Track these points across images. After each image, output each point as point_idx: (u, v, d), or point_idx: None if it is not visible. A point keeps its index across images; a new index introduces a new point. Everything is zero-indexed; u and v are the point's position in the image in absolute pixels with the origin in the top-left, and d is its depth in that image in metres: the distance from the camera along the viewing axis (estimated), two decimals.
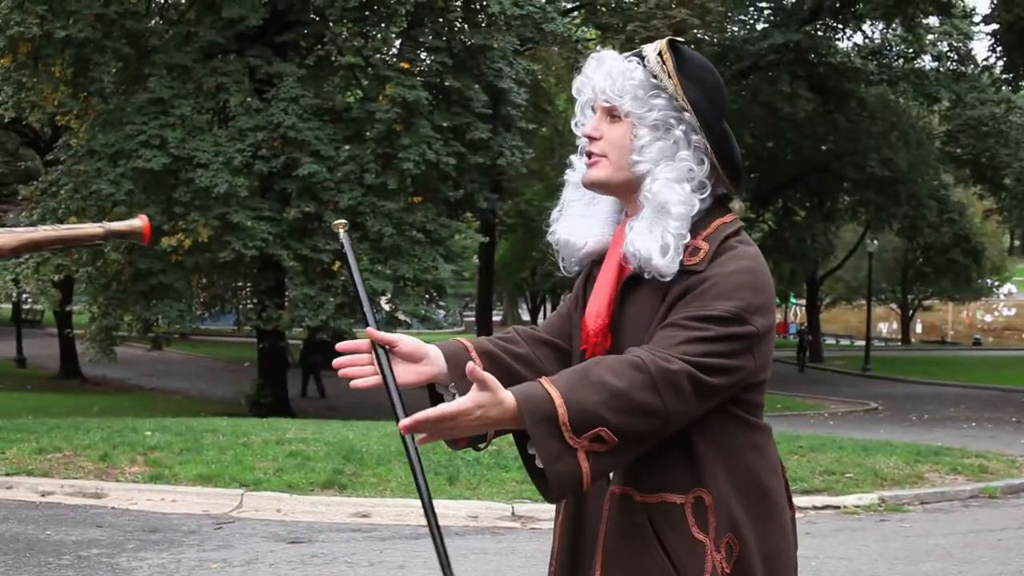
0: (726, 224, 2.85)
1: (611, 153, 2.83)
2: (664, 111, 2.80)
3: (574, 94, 2.98)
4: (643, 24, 32.04)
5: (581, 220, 3.00)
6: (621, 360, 2.56)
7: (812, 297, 58.61)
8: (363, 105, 24.94)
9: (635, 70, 2.81)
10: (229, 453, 12.21)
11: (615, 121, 2.84)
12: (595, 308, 2.87)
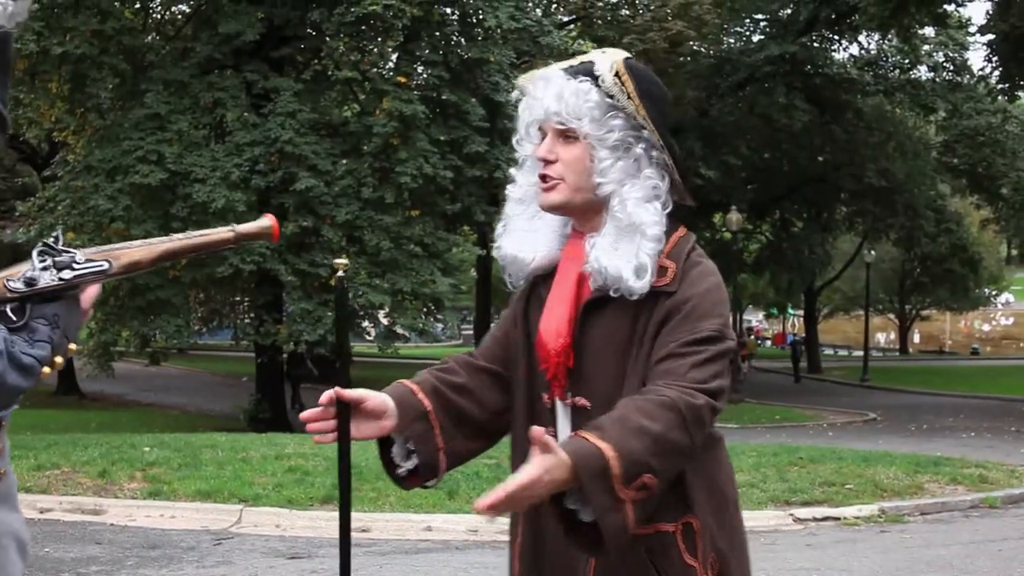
0: (683, 239, 2.86)
1: (568, 175, 2.81)
2: (623, 131, 2.79)
3: (520, 112, 2.95)
4: (639, 37, 32.13)
5: (526, 235, 2.96)
6: (651, 401, 2.55)
7: (810, 308, 58.61)
8: (360, 119, 24.97)
9: (590, 91, 2.79)
10: (228, 468, 12.19)
11: (569, 142, 2.81)
12: (553, 327, 2.83)
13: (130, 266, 2.38)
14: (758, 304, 76.77)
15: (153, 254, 2.39)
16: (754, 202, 45.04)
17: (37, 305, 2.26)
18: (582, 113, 2.77)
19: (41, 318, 2.24)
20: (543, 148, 2.84)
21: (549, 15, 33.51)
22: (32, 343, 2.19)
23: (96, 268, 2.33)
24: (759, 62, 38.18)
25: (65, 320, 2.26)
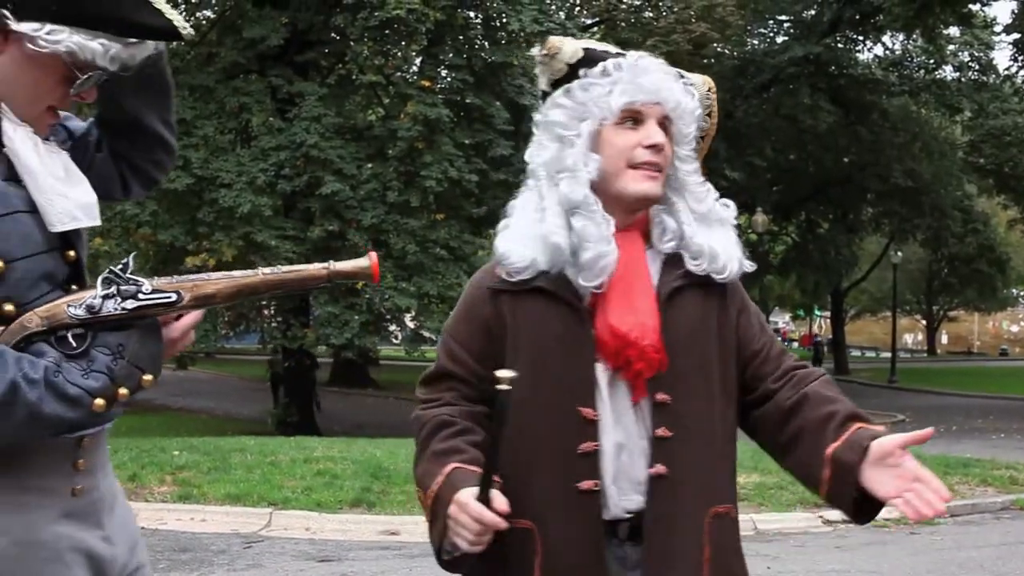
0: None
1: (667, 169, 2.79)
2: (695, 139, 2.83)
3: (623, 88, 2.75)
4: (663, 39, 32.07)
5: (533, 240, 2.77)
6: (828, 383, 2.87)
7: (837, 309, 58.43)
8: (385, 123, 25.01)
9: (693, 96, 2.81)
10: (257, 472, 12.23)
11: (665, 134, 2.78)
12: (641, 320, 2.70)
13: (202, 299, 2.32)
14: (784, 306, 76.62)
15: (231, 288, 2.34)
16: (780, 203, 44.92)
17: (101, 333, 2.23)
18: (688, 115, 2.79)
19: (103, 347, 2.22)
20: (657, 134, 2.75)
21: (572, 18, 33.47)
22: (87, 372, 2.17)
23: (163, 300, 2.27)
24: (783, 63, 38.08)
25: (134, 350, 2.22)
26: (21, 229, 2.22)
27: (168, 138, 2.68)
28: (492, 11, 25.78)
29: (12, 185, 2.25)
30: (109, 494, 2.51)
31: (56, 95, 2.32)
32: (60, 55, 2.24)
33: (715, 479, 2.80)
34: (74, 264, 2.34)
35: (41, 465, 2.30)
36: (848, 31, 40.98)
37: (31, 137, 2.31)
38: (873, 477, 2.65)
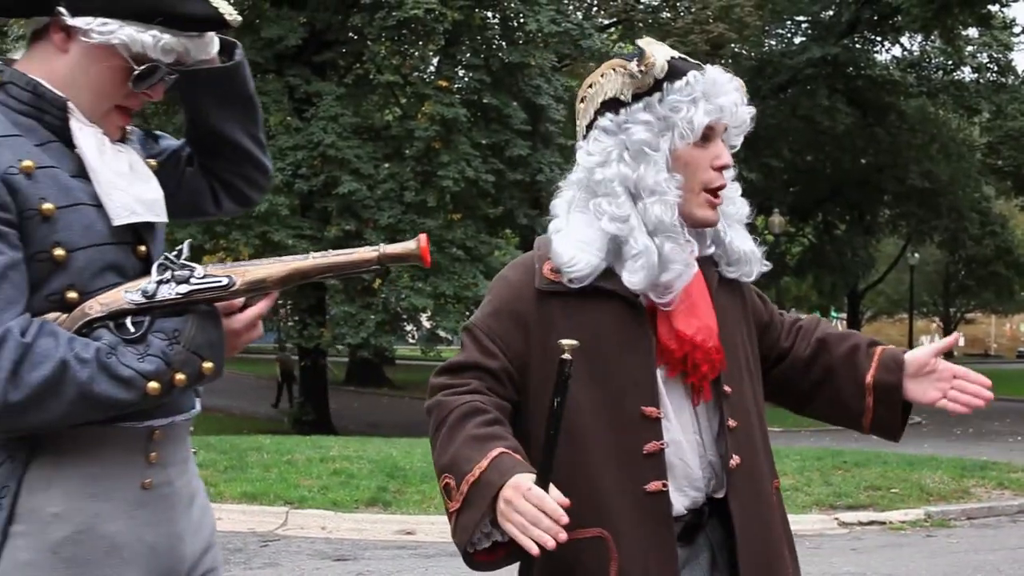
0: None
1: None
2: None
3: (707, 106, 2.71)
4: (680, 39, 32.02)
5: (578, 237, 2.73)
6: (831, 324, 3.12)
7: (853, 311, 58.29)
8: (402, 123, 25.04)
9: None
10: (274, 471, 12.27)
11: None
12: (705, 323, 2.72)
13: (254, 283, 2.34)
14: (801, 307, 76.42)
15: (282, 272, 2.36)
16: (796, 205, 44.82)
17: (159, 320, 2.28)
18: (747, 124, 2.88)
19: (159, 332, 2.26)
20: (726, 153, 2.79)
21: (590, 18, 33.50)
22: (143, 356, 2.22)
23: (214, 284, 2.31)
24: (801, 64, 38.00)
25: (192, 336, 2.27)
26: (83, 220, 2.30)
27: (256, 154, 2.75)
28: (509, 11, 25.79)
29: (80, 180, 2.33)
30: (186, 492, 2.55)
31: (120, 92, 2.42)
32: (115, 48, 2.34)
33: (768, 456, 2.90)
34: (145, 259, 2.40)
35: (112, 456, 2.35)
36: (866, 32, 40.90)
37: (97, 136, 2.39)
38: (914, 389, 2.91)
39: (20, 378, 2.12)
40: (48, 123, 2.36)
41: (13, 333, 2.14)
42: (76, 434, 2.28)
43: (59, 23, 2.35)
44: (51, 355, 2.15)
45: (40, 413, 2.16)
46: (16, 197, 2.23)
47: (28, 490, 2.28)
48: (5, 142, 2.27)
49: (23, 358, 2.13)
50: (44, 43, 2.40)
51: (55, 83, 2.38)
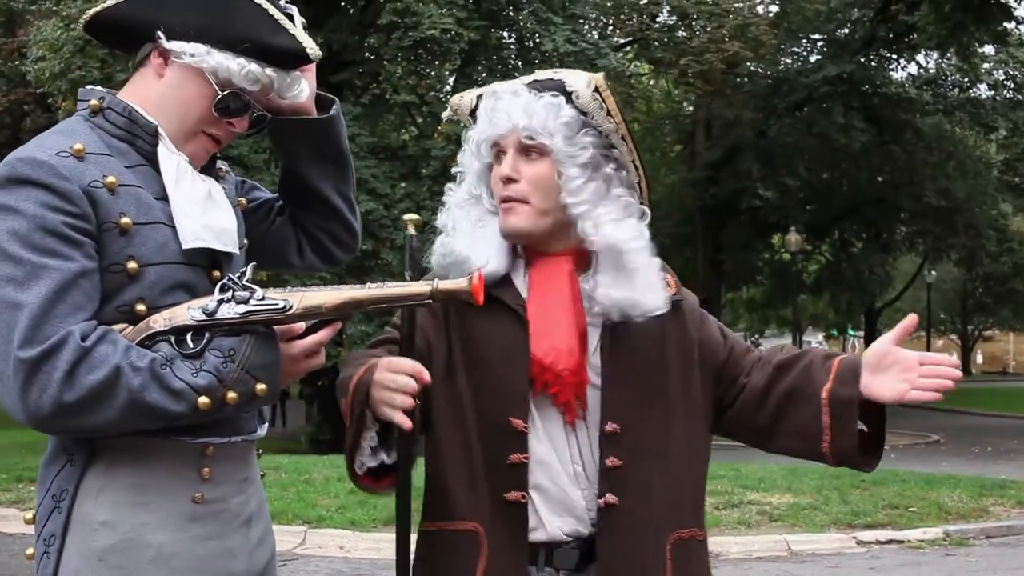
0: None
1: (533, 196, 2.73)
2: (595, 148, 2.73)
3: (477, 126, 2.83)
4: (696, 58, 32.11)
5: (474, 240, 2.80)
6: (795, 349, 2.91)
7: (870, 329, 58.13)
8: (418, 142, 25.10)
9: (562, 107, 2.71)
10: (291, 490, 12.30)
11: (533, 160, 2.73)
12: (563, 344, 2.71)
13: (310, 309, 2.40)
14: (818, 325, 76.30)
15: (337, 300, 2.41)
16: (813, 223, 44.73)
17: (217, 338, 2.35)
18: (554, 129, 2.70)
19: (216, 350, 2.34)
20: (506, 166, 2.74)
21: (605, 37, 33.52)
22: (197, 371, 2.30)
23: (272, 306, 2.38)
24: (816, 82, 37.97)
25: (247, 356, 2.34)
26: (159, 238, 2.42)
27: (344, 212, 2.90)
28: (525, 31, 25.85)
29: (162, 202, 2.45)
30: (243, 511, 2.60)
31: (205, 118, 2.54)
32: (204, 73, 2.48)
33: (676, 504, 2.77)
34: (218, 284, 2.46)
35: (162, 467, 2.42)
36: (882, 50, 40.84)
37: (180, 164, 2.51)
38: (876, 384, 2.66)
39: (76, 379, 2.21)
40: (140, 147, 2.50)
41: (74, 336, 2.23)
42: (129, 444, 2.36)
43: (158, 48, 2.50)
44: (108, 360, 2.23)
45: (92, 416, 2.25)
46: (97, 209, 2.35)
47: (83, 496, 2.37)
48: (94, 159, 2.40)
49: (80, 360, 2.22)
50: (144, 70, 2.56)
51: (148, 108, 2.52)
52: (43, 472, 2.44)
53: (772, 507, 12.28)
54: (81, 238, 2.31)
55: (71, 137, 2.42)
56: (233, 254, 2.60)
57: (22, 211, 2.29)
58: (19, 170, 2.32)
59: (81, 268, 2.30)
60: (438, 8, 22.91)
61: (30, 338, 2.21)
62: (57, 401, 2.21)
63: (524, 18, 25.84)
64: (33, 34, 24.94)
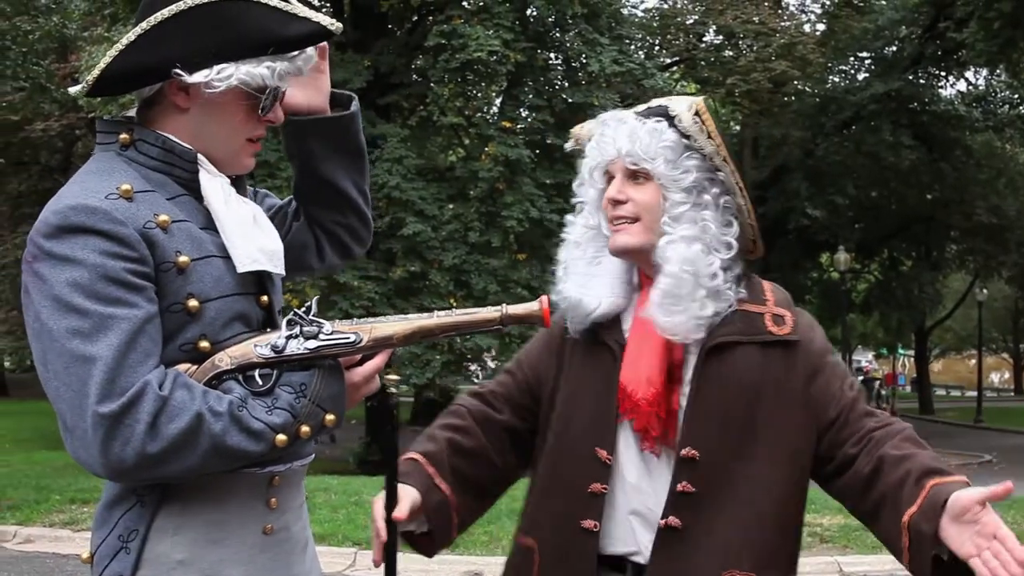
0: (775, 286, 2.90)
1: (642, 216, 2.80)
2: (698, 172, 2.77)
3: (587, 155, 2.96)
4: (743, 77, 32.03)
5: (589, 279, 2.91)
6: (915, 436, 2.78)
7: (921, 348, 57.72)
8: (466, 164, 25.14)
9: (665, 131, 2.77)
10: (341, 512, 12.33)
11: (640, 184, 2.80)
12: (643, 375, 2.77)
13: (381, 340, 2.42)
14: (867, 344, 75.80)
15: (407, 330, 2.43)
16: (862, 241, 44.50)
17: (286, 373, 2.36)
18: (656, 153, 2.76)
19: (287, 386, 2.35)
20: (613, 188, 2.84)
21: (652, 57, 33.53)
22: (271, 409, 2.31)
23: (342, 340, 2.39)
24: (864, 100, 37.83)
25: (317, 390, 2.36)
26: (214, 272, 2.41)
27: (361, 204, 2.92)
28: (572, 53, 25.89)
29: (209, 232, 2.45)
30: (301, 537, 2.64)
31: (249, 126, 2.54)
32: (236, 88, 2.45)
33: (740, 542, 2.75)
34: (267, 308, 2.52)
35: (235, 501, 2.44)
36: (930, 67, 40.66)
37: (224, 187, 2.51)
38: (953, 534, 2.55)
39: (158, 430, 2.21)
40: (178, 176, 2.47)
41: (152, 385, 2.23)
42: (202, 482, 2.36)
43: (177, 84, 2.44)
44: (188, 407, 2.24)
45: (175, 464, 2.25)
46: (154, 251, 2.33)
47: (156, 536, 2.37)
48: (141, 197, 2.37)
49: (161, 410, 2.22)
50: (161, 107, 2.50)
51: (182, 139, 2.49)
52: (105, 514, 2.44)
53: (823, 528, 12.19)
54: (143, 283, 2.31)
55: (112, 176, 2.40)
56: (275, 276, 2.61)
57: (82, 261, 2.26)
58: (73, 219, 2.29)
59: (146, 314, 2.29)
60: (485, 30, 22.98)
61: (108, 392, 2.19)
62: (141, 453, 2.20)
63: (571, 39, 25.90)
64: (85, 60, 25.22)
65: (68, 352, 2.23)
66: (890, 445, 2.73)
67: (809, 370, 2.81)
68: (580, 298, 2.88)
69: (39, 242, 2.31)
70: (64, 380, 2.23)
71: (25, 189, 38.22)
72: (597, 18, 25.93)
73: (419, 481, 2.88)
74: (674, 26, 36.50)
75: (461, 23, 23.52)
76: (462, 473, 2.96)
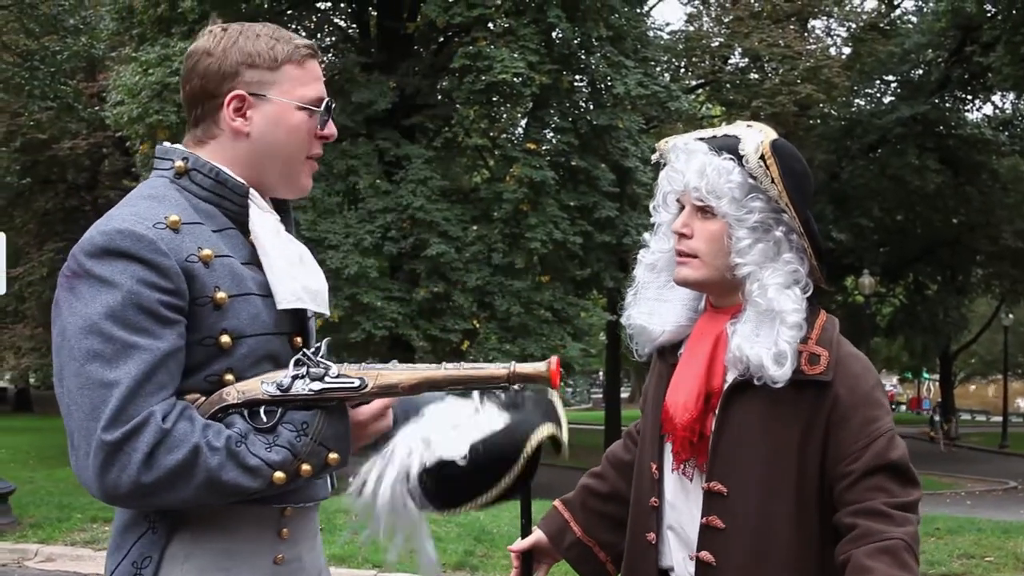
0: (828, 323, 2.85)
1: (704, 251, 2.81)
2: (763, 213, 2.77)
3: (659, 180, 2.97)
4: (768, 100, 32.03)
5: (657, 305, 2.98)
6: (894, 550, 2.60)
7: (946, 372, 57.45)
8: (490, 185, 25.19)
9: (732, 171, 2.77)
10: (362, 534, 12.31)
11: (708, 218, 2.81)
12: (681, 399, 2.83)
13: (386, 388, 2.41)
14: (892, 368, 75.50)
15: (413, 380, 2.41)
16: (887, 265, 44.38)
17: (290, 411, 2.37)
18: (722, 192, 2.76)
19: (289, 424, 2.36)
20: (679, 222, 2.85)
21: (677, 80, 33.57)
22: (271, 446, 2.32)
23: (347, 384, 2.39)
24: (890, 124, 37.77)
25: (320, 429, 2.36)
26: (251, 310, 2.43)
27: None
28: (597, 75, 25.94)
29: (251, 268, 2.47)
30: (314, 568, 2.67)
31: (309, 142, 2.60)
32: (294, 105, 2.54)
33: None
34: (299, 350, 2.49)
35: (246, 532, 2.46)
36: (956, 91, 40.57)
37: (274, 223, 2.55)
38: None
39: (155, 460, 2.23)
40: (227, 209, 2.50)
41: (156, 417, 2.24)
42: (213, 510, 2.38)
43: (234, 113, 2.51)
44: (186, 440, 2.25)
45: (169, 495, 2.27)
46: (192, 284, 2.35)
47: (168, 564, 2.39)
48: (188, 229, 2.39)
49: (160, 442, 2.23)
50: (216, 140, 2.55)
51: (242, 167, 2.53)
52: (119, 539, 2.46)
53: None
54: (173, 316, 2.32)
55: (163, 204, 2.42)
56: (309, 320, 2.63)
57: (118, 285, 2.28)
58: (118, 242, 2.31)
59: (170, 347, 2.30)
60: (510, 52, 23.03)
61: (115, 419, 2.22)
62: (135, 481, 2.22)
63: (596, 61, 25.95)
64: (112, 79, 25.41)
65: (85, 374, 2.25)
66: (864, 551, 2.63)
67: (837, 417, 2.74)
68: (645, 325, 2.98)
69: (81, 259, 2.34)
70: (76, 400, 2.26)
71: (52, 207, 38.48)
72: (622, 41, 26.00)
73: (551, 524, 3.20)
74: (699, 49, 36.54)
75: (486, 45, 23.60)
76: (597, 513, 3.20)
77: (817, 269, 2.85)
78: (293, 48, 2.57)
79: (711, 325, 2.88)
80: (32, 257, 36.57)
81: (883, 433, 2.72)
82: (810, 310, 2.81)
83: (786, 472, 2.74)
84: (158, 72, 22.58)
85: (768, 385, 2.72)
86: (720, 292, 2.88)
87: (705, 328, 2.90)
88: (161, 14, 23.96)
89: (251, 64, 2.52)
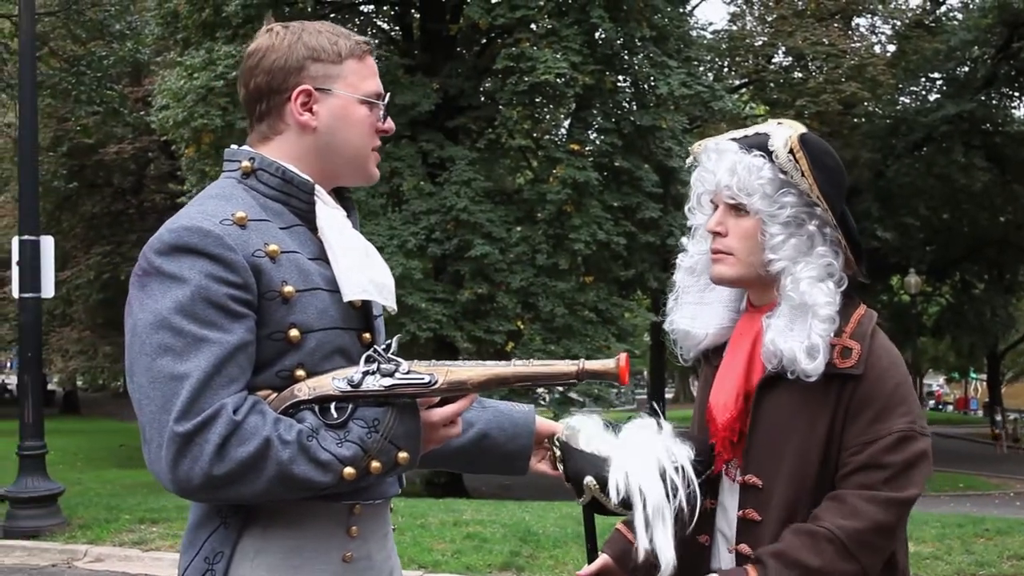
0: (865, 317, 2.85)
1: (738, 249, 2.84)
2: (796, 208, 2.79)
3: (692, 182, 2.99)
4: (812, 99, 31.88)
5: (699, 308, 3.01)
6: (816, 535, 2.64)
7: (993, 372, 56.96)
8: (534, 186, 25.18)
9: (763, 167, 2.79)
10: (408, 535, 12.34)
11: (741, 216, 2.83)
12: (722, 400, 2.87)
13: (455, 384, 2.42)
14: (939, 368, 74.91)
15: (483, 376, 2.44)
16: (933, 264, 44.07)
17: (361, 407, 2.39)
18: (753, 189, 2.79)
19: (360, 420, 2.38)
20: (713, 221, 2.88)
21: (721, 79, 33.48)
22: (342, 442, 2.34)
23: (417, 380, 2.40)
24: (936, 121, 37.48)
25: (390, 427, 2.38)
26: (319, 305, 2.46)
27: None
28: (640, 75, 25.89)
29: (318, 264, 2.51)
30: (385, 567, 2.69)
31: (373, 134, 2.65)
32: (354, 98, 2.58)
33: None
34: (368, 346, 2.53)
35: (315, 528, 2.48)
36: (1003, 88, 40.22)
37: (341, 220, 2.59)
38: None
39: (227, 452, 2.26)
40: (295, 207, 2.54)
41: (227, 409, 2.27)
42: (284, 507, 2.41)
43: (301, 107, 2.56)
44: (258, 433, 2.28)
45: (240, 487, 2.29)
46: (260, 279, 2.39)
47: (238, 559, 2.42)
48: (254, 226, 2.44)
49: (232, 434, 2.26)
50: (283, 136, 2.59)
51: (309, 161, 2.58)
52: (192, 535, 2.49)
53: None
54: (243, 310, 2.36)
55: (230, 202, 2.46)
56: (378, 316, 2.67)
57: (187, 280, 2.31)
58: (186, 239, 2.35)
59: (240, 341, 2.33)
60: (553, 53, 23.02)
61: (187, 411, 2.25)
62: (207, 473, 2.25)
63: (639, 62, 25.90)
64: (158, 84, 25.59)
65: (156, 368, 2.29)
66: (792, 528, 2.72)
67: (853, 409, 2.75)
68: (688, 330, 3.01)
69: (150, 257, 2.38)
70: (148, 394, 2.29)
71: (98, 211, 38.84)
72: (665, 41, 25.92)
73: (615, 547, 3.14)
74: (743, 48, 36.43)
75: (529, 46, 23.59)
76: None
77: (853, 262, 2.86)
78: (354, 43, 2.60)
79: (750, 324, 2.92)
80: (79, 261, 36.89)
81: (891, 433, 2.72)
82: (847, 303, 2.82)
83: (814, 464, 2.77)
84: (203, 76, 22.72)
85: (801, 379, 2.74)
86: (757, 289, 2.92)
87: (745, 328, 2.93)
88: (205, 19, 24.09)
89: (316, 58, 2.55)
